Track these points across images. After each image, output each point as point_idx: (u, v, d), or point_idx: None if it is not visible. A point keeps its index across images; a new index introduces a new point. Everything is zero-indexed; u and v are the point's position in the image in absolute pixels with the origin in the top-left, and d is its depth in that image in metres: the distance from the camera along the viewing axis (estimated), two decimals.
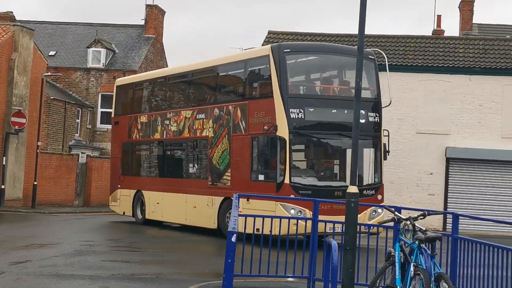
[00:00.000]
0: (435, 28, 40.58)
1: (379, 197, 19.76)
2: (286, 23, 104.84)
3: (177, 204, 22.35)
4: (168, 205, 23.09)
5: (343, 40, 30.66)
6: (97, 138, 42.66)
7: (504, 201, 28.03)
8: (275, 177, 18.25)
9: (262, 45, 31.92)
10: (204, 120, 21.29)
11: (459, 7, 41.60)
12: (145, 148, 25.40)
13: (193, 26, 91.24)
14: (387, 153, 19.80)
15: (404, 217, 8.83)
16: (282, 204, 17.61)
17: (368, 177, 19.65)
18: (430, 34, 38.44)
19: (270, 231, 11.08)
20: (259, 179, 18.98)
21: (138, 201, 24.77)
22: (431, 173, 28.65)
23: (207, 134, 21.12)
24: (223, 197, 19.78)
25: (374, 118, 19.82)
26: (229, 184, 19.84)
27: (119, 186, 25.74)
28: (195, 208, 21.32)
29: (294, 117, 18.28)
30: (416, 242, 8.25)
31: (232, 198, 16.57)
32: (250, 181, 19.06)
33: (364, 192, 18.78)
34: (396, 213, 9.06)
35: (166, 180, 23.32)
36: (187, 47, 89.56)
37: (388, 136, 19.66)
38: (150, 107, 25.26)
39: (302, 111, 18.42)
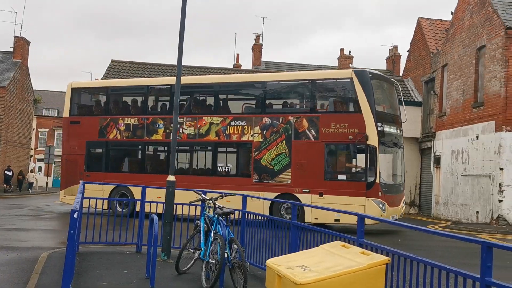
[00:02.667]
0: (235, 63, 41.41)
1: (404, 191, 21.16)
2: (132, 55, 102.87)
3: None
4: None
5: (171, 69, 30.37)
6: None
7: None
8: (364, 177, 17.96)
9: (107, 71, 30.53)
10: (245, 126, 19.89)
11: (252, 48, 42.72)
12: (132, 148, 22.35)
13: (59, 56, 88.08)
14: None
15: (207, 198, 8.99)
16: (374, 199, 17.81)
17: (402, 177, 20.41)
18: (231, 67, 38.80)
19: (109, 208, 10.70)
20: (339, 178, 18.49)
21: (117, 196, 21.42)
22: None
23: (251, 139, 19.81)
24: (278, 193, 19.15)
25: (402, 132, 20.78)
26: (289, 181, 19.07)
27: (81, 181, 22.07)
28: (228, 202, 18.73)
29: (379, 129, 18.19)
30: (216, 216, 8.42)
31: (292, 193, 18.79)
32: (323, 180, 18.48)
33: (401, 188, 20.27)
34: (202, 194, 9.29)
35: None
36: (52, 72, 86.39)
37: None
38: (141, 111, 22.19)
39: (381, 125, 18.42)
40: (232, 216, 9.50)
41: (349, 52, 44.24)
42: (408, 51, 36.29)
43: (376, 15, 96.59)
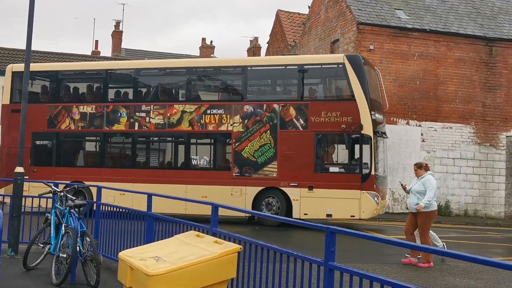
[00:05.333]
0: (94, 49, 40.12)
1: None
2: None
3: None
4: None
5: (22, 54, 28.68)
6: None
7: None
8: (358, 169, 16.64)
9: None
10: (223, 115, 17.98)
11: (111, 35, 41.64)
12: (89, 140, 20.02)
13: None
14: None
15: (58, 190, 8.63)
16: (369, 193, 16.52)
17: (387, 169, 19.39)
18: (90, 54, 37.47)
19: None
20: (331, 171, 17.09)
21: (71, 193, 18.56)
22: None
23: (230, 129, 17.92)
24: (262, 187, 17.53)
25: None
26: (275, 175, 17.38)
27: (26, 177, 18.77)
28: (204, 198, 16.87)
29: (373, 118, 16.96)
30: (67, 208, 8.11)
31: (279, 187, 17.38)
32: (313, 172, 16.94)
33: (387, 180, 19.21)
34: (52, 186, 8.90)
35: (139, 172, 18.68)
36: None
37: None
38: (100, 98, 19.73)
39: (374, 113, 17.17)
40: (84, 208, 9.23)
41: (211, 42, 44.82)
42: (267, 43, 37.25)
43: (249, 7, 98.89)
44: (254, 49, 43.11)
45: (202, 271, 6.20)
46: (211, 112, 18.12)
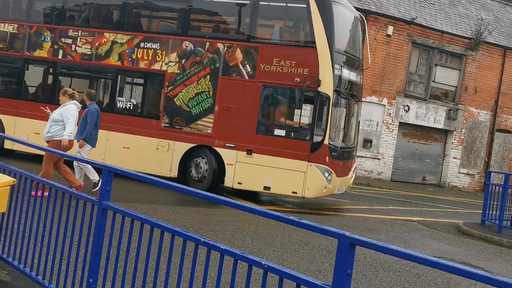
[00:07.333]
0: None
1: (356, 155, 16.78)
2: None
3: None
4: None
5: None
6: None
7: None
8: (309, 135, 13.39)
9: None
10: (158, 51, 14.98)
11: None
12: (6, 65, 17.03)
13: None
14: None
15: None
16: (318, 166, 13.31)
17: (356, 139, 15.97)
18: None
19: None
20: (276, 134, 13.77)
21: None
22: None
23: (164, 69, 14.93)
24: (194, 144, 14.62)
25: (363, 81, 16.27)
26: (209, 131, 14.40)
27: None
28: (127, 149, 14.86)
29: (336, 73, 13.50)
30: None
31: (212, 146, 14.55)
32: (255, 133, 13.84)
33: (354, 153, 15.81)
34: None
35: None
36: None
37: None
38: (24, 16, 16.93)
39: (340, 68, 13.70)
40: None
41: None
42: None
43: None
44: None
45: None
46: (145, 46, 15.23)
